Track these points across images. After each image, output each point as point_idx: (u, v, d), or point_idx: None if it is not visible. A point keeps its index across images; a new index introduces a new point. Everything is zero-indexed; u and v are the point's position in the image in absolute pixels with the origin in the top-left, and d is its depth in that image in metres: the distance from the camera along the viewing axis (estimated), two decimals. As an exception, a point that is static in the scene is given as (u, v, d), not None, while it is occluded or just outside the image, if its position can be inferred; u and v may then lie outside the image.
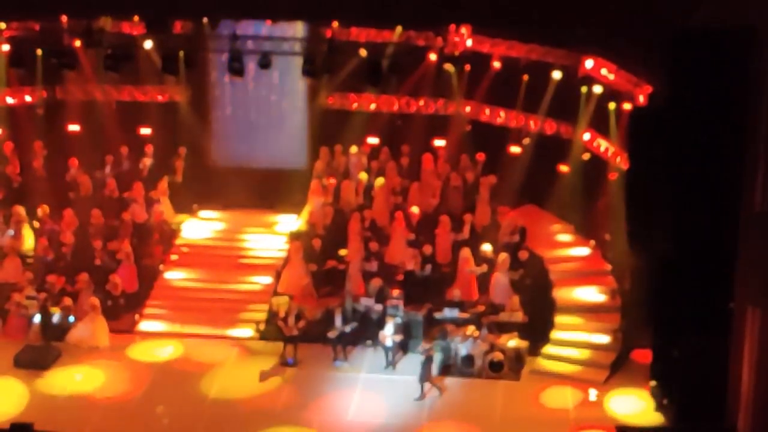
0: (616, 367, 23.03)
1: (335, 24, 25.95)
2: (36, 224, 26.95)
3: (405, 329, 23.66)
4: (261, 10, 23.67)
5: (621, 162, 24.06)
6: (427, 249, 25.82)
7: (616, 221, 23.59)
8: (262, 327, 24.88)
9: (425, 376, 22.31)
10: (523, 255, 25.53)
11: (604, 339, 23.65)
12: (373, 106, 28.76)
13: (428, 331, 24.05)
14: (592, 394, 22.14)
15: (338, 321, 23.81)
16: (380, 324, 23.74)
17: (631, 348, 23.37)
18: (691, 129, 16.15)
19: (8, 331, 24.46)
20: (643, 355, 22.38)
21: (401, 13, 22.85)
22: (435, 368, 22.72)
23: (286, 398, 22.13)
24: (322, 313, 24.42)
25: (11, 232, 26.56)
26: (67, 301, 24.51)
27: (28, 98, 28.77)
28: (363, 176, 28.12)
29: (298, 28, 26.68)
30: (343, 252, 26.17)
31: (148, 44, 25.78)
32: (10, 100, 28.56)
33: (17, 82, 28.29)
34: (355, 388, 22.52)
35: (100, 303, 24.45)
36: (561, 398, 22.23)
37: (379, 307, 24.23)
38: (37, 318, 23.94)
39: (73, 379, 22.78)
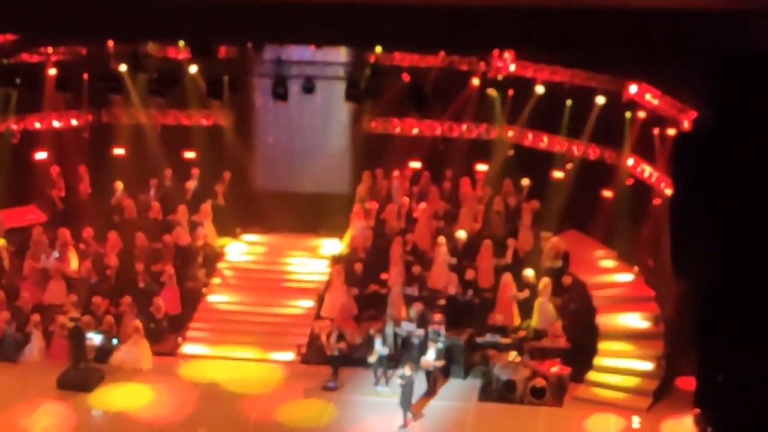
0: (660, 395, 22.84)
1: (378, 49, 26.03)
2: (81, 246, 27.16)
3: (447, 354, 23.59)
4: (305, 36, 23.74)
5: (665, 187, 23.93)
6: (469, 274, 25.76)
7: (660, 247, 23.47)
8: (303, 350, 24.90)
9: (406, 402, 22.13)
10: (567, 280, 25.42)
11: (648, 366, 23.46)
12: (415, 131, 28.80)
13: (470, 356, 24.00)
14: (635, 421, 21.94)
15: (379, 345, 23.76)
16: (421, 349, 23.69)
17: (675, 375, 23.18)
18: (737, 154, 16.03)
19: (52, 353, 24.62)
20: (688, 383, 22.23)
21: (444, 38, 22.87)
22: (415, 395, 22.52)
23: (327, 422, 22.10)
24: (362, 337, 24.41)
25: (56, 254, 26.78)
26: (110, 322, 24.63)
27: (74, 122, 29.04)
28: (405, 200, 28.14)
29: (341, 53, 26.80)
30: (384, 276, 26.16)
31: (193, 69, 25.97)
32: (56, 124, 28.87)
33: (64, 106, 28.61)
34: (396, 414, 22.45)
35: (143, 325, 24.58)
36: (604, 425, 22.06)
37: (420, 331, 24.18)
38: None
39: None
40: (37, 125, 28.71)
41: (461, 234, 26.88)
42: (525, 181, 28.02)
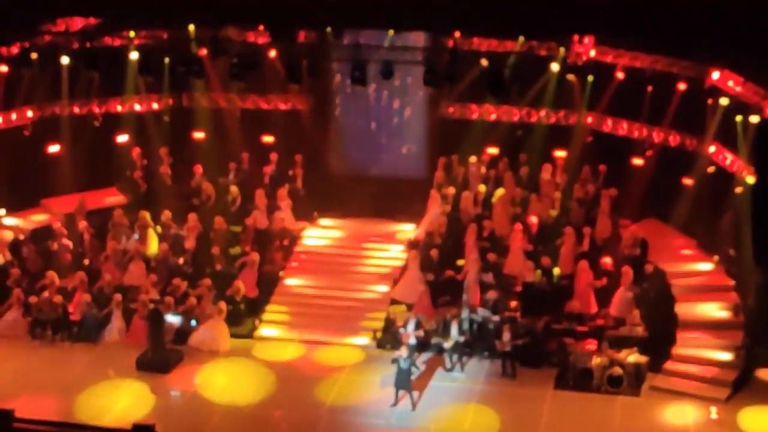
0: (739, 385, 22.53)
1: (457, 34, 25.95)
2: (160, 229, 27.48)
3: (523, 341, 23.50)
4: (384, 21, 23.80)
5: (747, 175, 23.56)
6: (546, 261, 25.61)
7: (741, 236, 23.14)
8: (379, 335, 24.97)
9: (403, 383, 22.04)
10: (648, 268, 25.15)
11: (727, 356, 23.15)
12: (493, 116, 28.69)
13: (546, 343, 23.89)
14: (713, 411, 21.68)
15: (454, 331, 23.75)
16: (497, 335, 23.64)
17: (754, 366, 22.87)
18: (821, 142, 15.76)
19: (132, 334, 24.96)
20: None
21: (524, 23, 22.74)
22: (413, 376, 22.40)
23: (402, 407, 22.12)
24: (438, 323, 24.40)
25: (137, 236, 27.14)
26: (190, 304, 24.90)
27: (155, 105, 29.45)
28: (482, 188, 28.03)
29: (420, 38, 26.75)
30: (461, 262, 26.11)
31: (272, 53, 26.06)
32: (137, 107, 29.26)
33: (145, 90, 28.95)
34: (471, 399, 22.45)
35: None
36: (681, 415, 21.82)
37: (496, 318, 24.13)
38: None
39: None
40: (119, 108, 29.15)
41: (533, 219, 26.76)
42: (603, 168, 27.77)
